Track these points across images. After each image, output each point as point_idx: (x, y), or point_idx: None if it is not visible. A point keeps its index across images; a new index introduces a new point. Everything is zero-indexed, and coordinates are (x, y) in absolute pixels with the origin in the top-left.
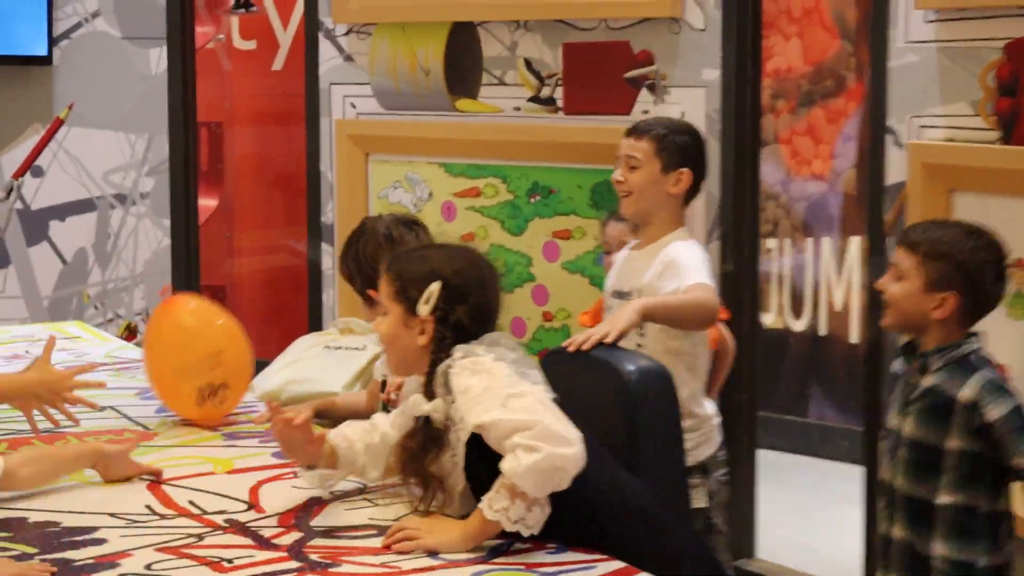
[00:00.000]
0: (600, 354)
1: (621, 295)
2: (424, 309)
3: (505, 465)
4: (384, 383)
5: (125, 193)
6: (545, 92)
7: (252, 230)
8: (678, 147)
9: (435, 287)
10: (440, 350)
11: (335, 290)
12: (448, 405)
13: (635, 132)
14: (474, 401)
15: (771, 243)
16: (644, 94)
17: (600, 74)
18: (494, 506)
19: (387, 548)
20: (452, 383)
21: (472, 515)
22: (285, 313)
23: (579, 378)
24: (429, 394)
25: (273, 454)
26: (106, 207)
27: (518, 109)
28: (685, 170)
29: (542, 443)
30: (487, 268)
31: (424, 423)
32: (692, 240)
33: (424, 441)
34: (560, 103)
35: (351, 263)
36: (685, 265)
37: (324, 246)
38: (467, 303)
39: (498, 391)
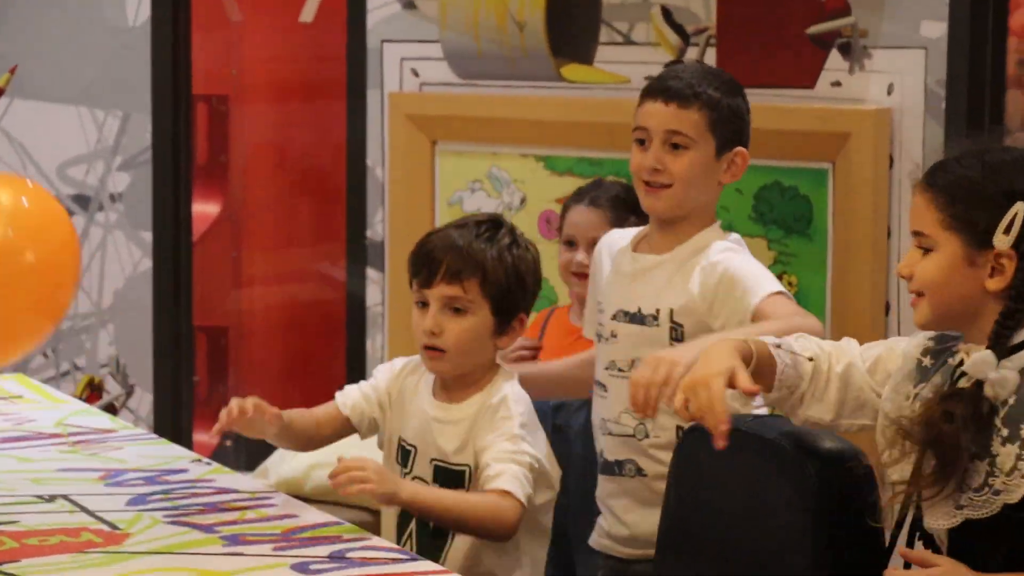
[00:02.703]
0: (769, 431)
1: (637, 318)
2: (1004, 240)
3: None
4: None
5: (88, 194)
6: (691, 55)
7: (268, 250)
8: (734, 116)
9: (1021, 208)
10: (1012, 301)
11: (385, 334)
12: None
13: (676, 96)
14: None
15: None
16: (835, 57)
17: (771, 29)
18: None
19: None
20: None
21: None
22: (315, 367)
23: (736, 461)
24: (999, 351)
25: (293, 566)
26: None
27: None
28: (741, 149)
29: None
30: None
31: (976, 390)
32: (733, 237)
33: (973, 413)
34: None
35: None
36: (746, 275)
37: (370, 272)
38: None
39: None
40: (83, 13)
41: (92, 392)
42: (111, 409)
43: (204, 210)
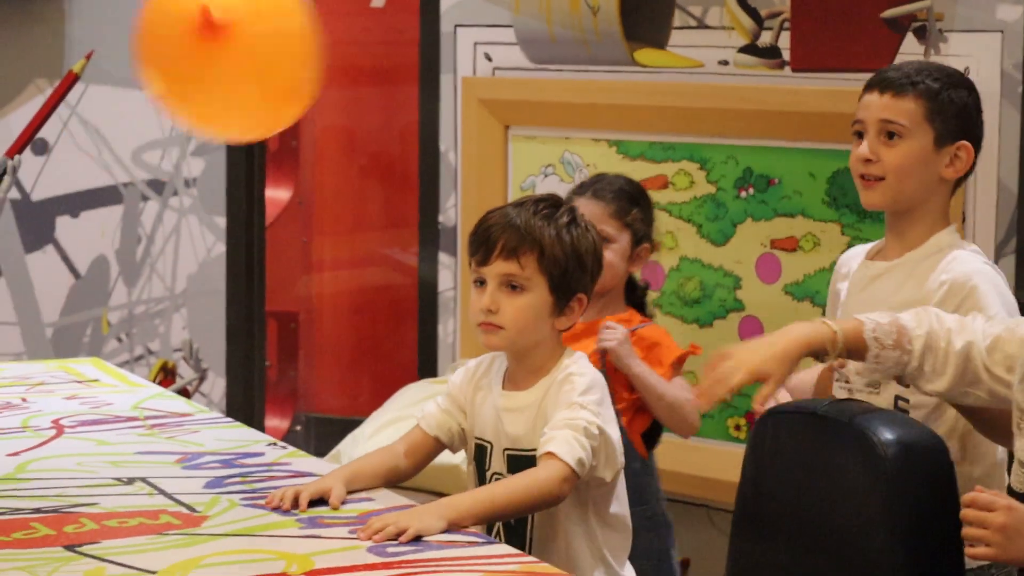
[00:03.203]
0: (843, 415)
1: None
2: None
3: None
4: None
5: (163, 179)
6: (765, 39)
7: (339, 235)
8: (957, 108)
9: None
10: None
11: (457, 319)
12: None
13: (891, 86)
14: None
15: None
16: (910, 41)
17: (846, 12)
18: None
19: None
20: None
21: None
22: (385, 352)
23: (814, 446)
24: None
25: (370, 549)
26: (136, 198)
27: (725, 63)
28: (965, 143)
29: None
30: None
31: None
32: (973, 247)
33: None
34: (787, 55)
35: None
36: (990, 302)
37: (442, 257)
38: None
39: None
40: None
41: (165, 376)
42: (184, 393)
43: (276, 195)
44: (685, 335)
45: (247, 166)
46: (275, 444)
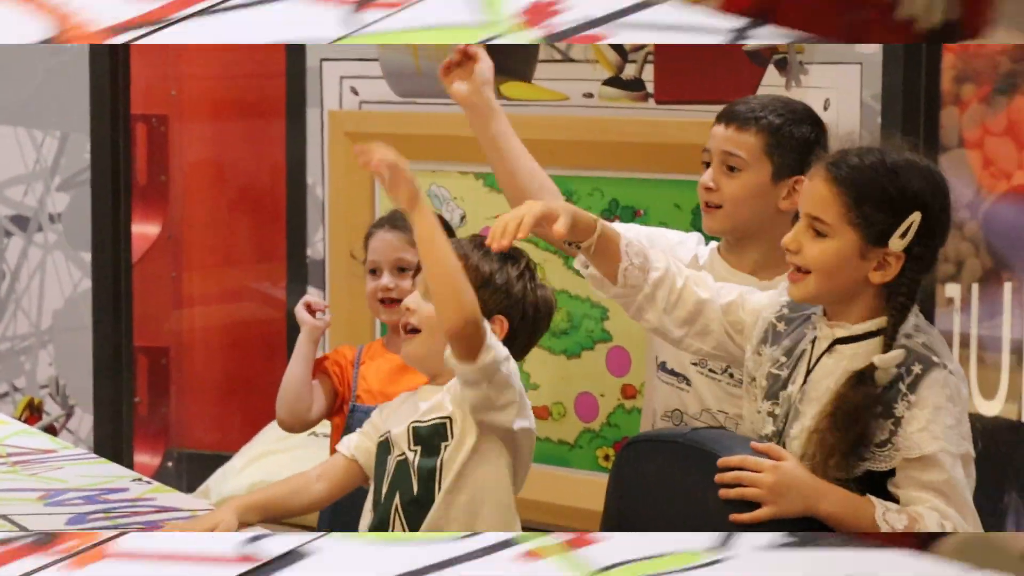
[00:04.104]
0: (706, 443)
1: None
2: (899, 243)
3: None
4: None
5: (27, 215)
6: (629, 72)
7: (208, 269)
8: (797, 144)
9: (916, 218)
10: (901, 297)
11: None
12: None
13: (735, 119)
14: (940, 428)
15: (951, 290)
16: (772, 73)
17: (708, 45)
18: (889, 520)
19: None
20: (922, 389)
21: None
22: (255, 387)
23: (676, 474)
24: (887, 343)
25: None
26: None
27: (590, 96)
28: (802, 178)
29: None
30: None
31: (870, 375)
32: None
33: (869, 396)
34: (651, 87)
35: None
36: None
37: (311, 291)
38: (940, 245)
39: (961, 439)
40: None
41: (32, 413)
42: (51, 430)
43: (144, 230)
44: (553, 366)
45: (114, 201)
46: (140, 479)
